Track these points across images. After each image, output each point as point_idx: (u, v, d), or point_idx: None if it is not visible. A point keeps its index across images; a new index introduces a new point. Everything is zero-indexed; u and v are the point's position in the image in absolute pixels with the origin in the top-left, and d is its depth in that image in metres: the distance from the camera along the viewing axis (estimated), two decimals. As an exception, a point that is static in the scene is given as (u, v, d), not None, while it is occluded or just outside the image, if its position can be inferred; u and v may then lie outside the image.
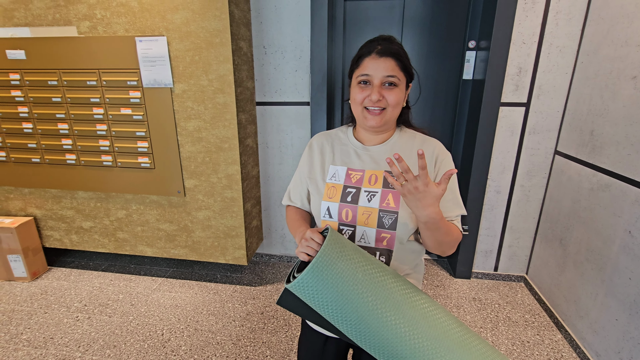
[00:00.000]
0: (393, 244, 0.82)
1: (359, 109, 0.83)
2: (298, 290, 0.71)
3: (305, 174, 0.94)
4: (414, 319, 0.68)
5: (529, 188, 2.16)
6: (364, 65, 0.80)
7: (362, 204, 0.83)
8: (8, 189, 2.33)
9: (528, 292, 2.24)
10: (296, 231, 0.87)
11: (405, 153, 0.85)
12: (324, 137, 0.96)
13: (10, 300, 2.13)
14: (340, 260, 0.68)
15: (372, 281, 0.68)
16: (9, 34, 1.96)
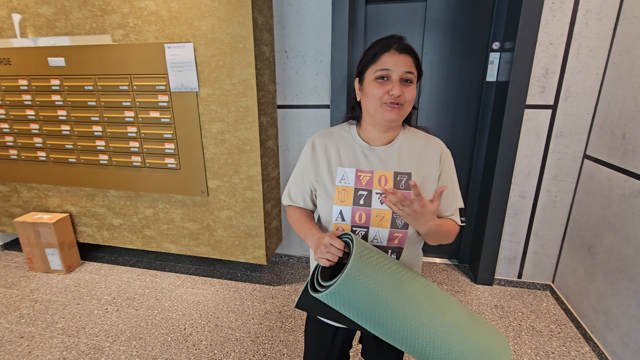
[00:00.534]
0: (404, 242, 0.86)
1: (377, 104, 0.82)
2: (329, 299, 0.72)
3: (310, 176, 0.92)
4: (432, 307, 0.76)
5: (556, 193, 2.08)
6: (383, 61, 0.80)
7: (376, 207, 0.84)
8: (47, 187, 2.49)
9: (554, 301, 2.16)
10: (307, 234, 0.88)
11: (411, 151, 0.88)
12: (327, 136, 0.93)
13: (47, 291, 2.28)
14: (368, 267, 0.71)
15: (395, 282, 0.74)
16: (51, 42, 2.11)
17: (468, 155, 2.39)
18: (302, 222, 0.93)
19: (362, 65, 0.85)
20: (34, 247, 2.43)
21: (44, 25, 2.09)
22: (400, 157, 0.87)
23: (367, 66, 0.83)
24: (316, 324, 1.02)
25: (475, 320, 0.81)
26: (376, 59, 0.81)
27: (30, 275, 2.46)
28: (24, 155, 2.40)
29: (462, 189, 2.45)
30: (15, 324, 1.97)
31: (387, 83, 0.80)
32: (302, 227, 0.92)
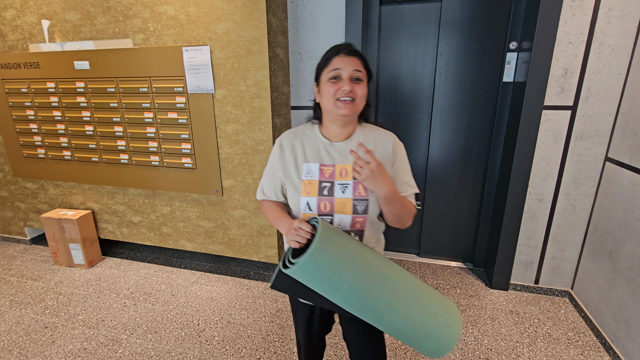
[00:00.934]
0: (365, 225, 0.97)
1: (332, 102, 0.91)
2: (298, 273, 0.82)
3: (279, 172, 1.01)
4: (387, 279, 0.86)
5: (575, 197, 2.02)
6: (334, 63, 0.90)
7: (338, 196, 0.95)
8: (72, 185, 2.61)
9: (573, 308, 2.09)
10: (279, 222, 0.97)
11: (367, 145, 0.98)
12: (292, 135, 1.02)
13: (70, 284, 2.38)
14: (332, 244, 0.82)
15: (356, 257, 0.84)
16: (76, 47, 2.21)
17: (484, 157, 2.35)
18: (274, 212, 1.02)
19: (317, 70, 0.96)
20: (59, 242, 2.54)
21: (70, 30, 2.20)
22: (357, 151, 0.94)
23: (322, 70, 0.93)
24: (297, 307, 1.14)
25: (428, 290, 0.92)
26: (328, 62, 0.91)
27: (55, 269, 2.58)
28: (51, 154, 2.52)
29: (477, 191, 2.41)
30: (40, 315, 2.07)
31: (339, 82, 0.90)
32: (275, 217, 1.00)
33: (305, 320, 1.13)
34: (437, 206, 2.55)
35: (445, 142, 2.40)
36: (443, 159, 2.44)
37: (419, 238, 2.68)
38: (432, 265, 2.60)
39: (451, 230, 2.58)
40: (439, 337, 0.87)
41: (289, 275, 0.85)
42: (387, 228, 1.11)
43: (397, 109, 2.44)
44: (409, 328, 0.86)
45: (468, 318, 2.01)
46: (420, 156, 2.49)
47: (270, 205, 1.05)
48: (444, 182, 2.48)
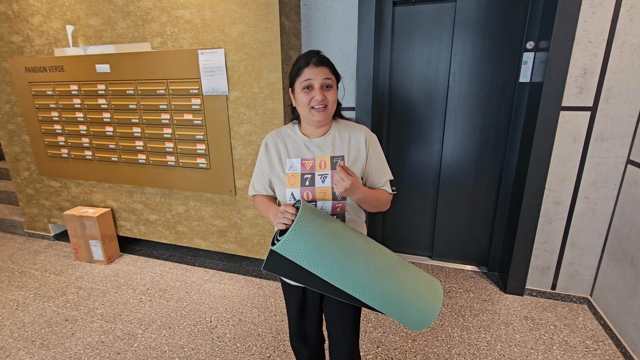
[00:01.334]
0: (345, 208, 1.08)
1: (307, 109, 1.02)
2: (285, 247, 0.90)
3: (266, 169, 1.13)
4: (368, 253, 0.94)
5: (595, 200, 1.96)
6: (305, 74, 1.00)
7: (318, 185, 1.05)
8: (92, 184, 2.70)
9: (592, 315, 2.02)
10: (268, 211, 1.08)
11: (343, 140, 1.09)
12: (276, 135, 1.13)
13: (89, 279, 2.47)
14: (314, 218, 0.91)
15: (336, 231, 0.92)
16: (98, 50, 2.30)
17: (499, 159, 2.31)
18: (264, 204, 1.13)
19: (291, 78, 1.05)
20: (80, 239, 2.64)
21: (92, 35, 2.28)
22: (334, 144, 1.08)
23: (295, 79, 1.03)
24: (288, 291, 1.23)
25: (407, 266, 0.99)
26: (300, 73, 1.01)
27: (76, 264, 2.68)
28: (73, 154, 2.63)
29: (492, 193, 2.37)
30: (62, 308, 2.15)
31: (312, 91, 1.00)
32: (265, 207, 1.12)
33: (299, 300, 1.20)
34: (450, 208, 2.51)
35: (459, 143, 2.37)
36: (457, 160, 2.41)
37: (431, 240, 2.65)
38: (444, 268, 2.57)
39: (465, 233, 2.54)
40: (420, 309, 0.93)
41: (278, 254, 0.94)
42: (398, 229, 1.13)
43: (410, 110, 2.42)
44: (392, 299, 0.92)
45: (481, 323, 1.98)
46: (433, 158, 2.46)
47: (260, 199, 1.16)
48: (458, 184, 2.45)
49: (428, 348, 1.80)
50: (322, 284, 0.97)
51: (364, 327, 1.96)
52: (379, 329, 1.94)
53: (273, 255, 0.97)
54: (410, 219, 2.66)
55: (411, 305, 0.93)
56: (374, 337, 1.88)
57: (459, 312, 2.07)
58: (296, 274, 0.98)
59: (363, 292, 0.92)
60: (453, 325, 1.96)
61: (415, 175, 2.54)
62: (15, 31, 2.46)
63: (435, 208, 2.56)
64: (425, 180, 2.54)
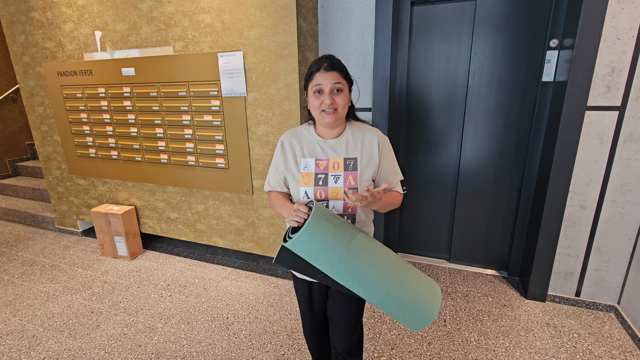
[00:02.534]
0: (356, 209, 1.10)
1: (318, 112, 1.07)
2: (296, 245, 0.93)
3: (281, 167, 1.16)
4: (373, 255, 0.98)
5: (623, 204, 1.87)
6: (316, 79, 1.04)
7: (331, 185, 1.08)
8: (117, 182, 2.82)
9: (619, 324, 1.93)
10: (282, 208, 1.12)
11: (356, 142, 1.12)
12: (292, 135, 1.17)
13: (114, 274, 2.58)
14: (324, 220, 0.94)
15: (345, 232, 0.96)
16: (124, 55, 2.40)
17: (520, 160, 2.24)
18: (278, 200, 1.16)
19: (305, 81, 1.10)
20: (106, 235, 2.76)
21: (119, 39, 2.39)
22: (347, 146, 1.11)
23: (307, 83, 1.08)
24: (297, 284, 1.28)
25: (410, 269, 1.02)
26: (312, 78, 1.05)
27: (102, 259, 2.80)
28: (100, 154, 2.75)
29: (513, 195, 2.31)
30: (88, 301, 2.26)
31: (322, 95, 1.05)
32: (279, 204, 1.15)
33: (306, 293, 1.26)
34: (469, 211, 2.46)
35: (479, 145, 2.32)
36: (477, 162, 2.36)
37: (449, 243, 2.60)
38: (463, 271, 2.52)
39: (484, 236, 2.48)
40: (419, 310, 0.97)
41: (289, 250, 0.98)
42: (416, 231, 1.15)
43: (428, 111, 2.39)
44: (392, 299, 0.95)
45: (499, 328, 1.93)
46: (452, 159, 2.42)
47: (275, 195, 1.20)
48: (478, 186, 2.40)
49: (444, 352, 1.77)
50: (328, 278, 1.01)
51: (379, 328, 1.95)
52: (393, 330, 1.93)
53: (284, 250, 1.02)
54: (427, 221, 2.63)
55: (409, 306, 0.97)
56: (388, 339, 1.87)
57: (476, 316, 2.03)
58: (304, 268, 1.03)
59: (366, 290, 0.97)
60: (470, 329, 1.92)
61: (433, 177, 2.51)
62: (49, 37, 2.61)
63: (453, 210, 2.52)
64: (444, 182, 2.50)
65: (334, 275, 0.97)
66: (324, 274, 1.00)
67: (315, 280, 1.04)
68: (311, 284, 1.24)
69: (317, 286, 1.23)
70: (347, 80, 1.09)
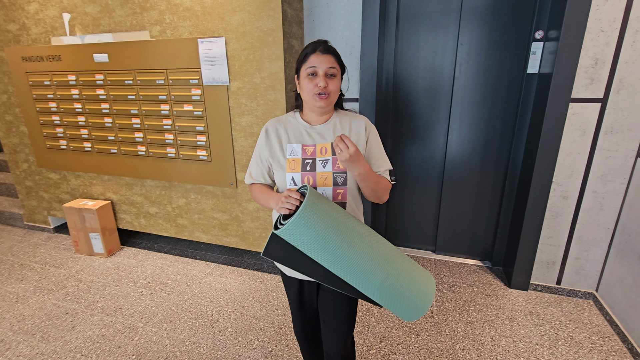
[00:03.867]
0: (346, 196, 1.07)
1: (310, 95, 1.03)
2: (291, 230, 0.88)
3: (266, 155, 1.12)
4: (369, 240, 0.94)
5: (603, 195, 1.92)
6: (311, 61, 1.01)
7: (319, 170, 1.05)
8: (92, 176, 2.67)
9: (597, 311, 2.00)
10: (269, 199, 1.07)
11: (344, 127, 1.11)
12: (277, 122, 1.13)
13: (90, 272, 2.45)
14: (321, 202, 0.91)
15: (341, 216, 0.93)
16: (95, 39, 2.24)
17: (505, 151, 2.26)
18: (263, 192, 1.11)
19: (297, 63, 1.06)
20: (80, 231, 2.62)
21: (90, 23, 2.23)
22: (335, 132, 1.09)
23: (300, 65, 1.04)
24: (287, 283, 1.23)
25: (405, 257, 1.00)
26: (306, 59, 1.02)
27: (76, 257, 2.66)
28: (72, 146, 2.59)
29: (497, 187, 2.33)
30: (62, 301, 2.14)
31: (316, 78, 1.01)
32: (264, 196, 1.10)
33: (297, 292, 1.21)
34: (454, 202, 2.48)
35: (464, 136, 2.32)
36: (462, 153, 2.37)
37: (435, 234, 2.62)
38: (448, 262, 2.54)
39: (469, 227, 2.51)
40: (415, 298, 0.94)
41: (280, 240, 0.94)
42: (402, 222, 1.11)
43: (414, 101, 2.37)
44: (388, 287, 0.92)
45: (485, 318, 1.96)
46: (438, 150, 2.42)
47: (258, 187, 1.15)
48: (463, 177, 2.41)
49: (432, 343, 1.78)
50: (319, 272, 0.96)
51: (367, 321, 1.94)
52: (382, 323, 1.92)
53: (274, 240, 0.96)
54: (413, 213, 2.63)
55: (406, 294, 0.94)
56: (377, 331, 1.87)
57: (462, 306, 2.05)
58: (295, 261, 0.98)
59: (362, 279, 0.93)
60: (457, 320, 1.94)
61: (419, 168, 2.50)
62: (11, 19, 2.41)
63: (439, 201, 2.53)
64: (430, 173, 2.50)
65: (328, 264, 0.92)
66: (316, 267, 0.95)
67: (306, 275, 0.99)
68: (302, 283, 1.19)
69: (307, 284, 1.20)
70: (341, 66, 1.06)
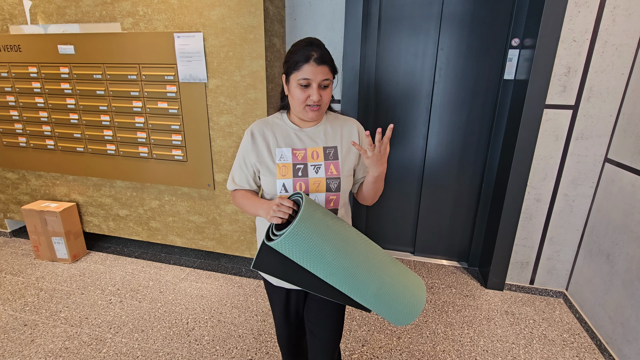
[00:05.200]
0: (338, 203, 1.04)
1: (302, 106, 0.97)
2: (287, 241, 0.83)
3: (252, 160, 1.04)
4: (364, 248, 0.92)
5: (574, 197, 2.00)
6: (305, 71, 0.93)
7: (312, 176, 1.01)
8: (55, 176, 2.49)
9: (567, 309, 2.08)
10: (256, 206, 1.01)
11: (335, 131, 1.07)
12: (263, 124, 1.06)
13: (52, 279, 2.28)
14: (317, 211, 0.88)
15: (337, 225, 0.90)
16: (60, 30, 2.09)
17: (482, 155, 2.32)
18: (248, 199, 1.05)
19: (287, 67, 0.98)
20: (41, 236, 2.43)
21: (54, 12, 2.07)
22: (326, 135, 1.05)
23: (291, 71, 0.96)
24: (273, 293, 1.18)
25: (397, 263, 0.99)
26: (298, 68, 0.94)
27: (37, 263, 2.46)
28: (33, 143, 2.40)
29: (474, 189, 2.38)
30: (20, 312, 1.97)
31: (308, 89, 0.95)
32: (249, 203, 1.04)
33: (283, 302, 1.16)
34: (433, 204, 2.51)
35: (443, 139, 2.36)
36: (441, 156, 2.40)
37: (414, 236, 2.64)
38: (427, 264, 2.57)
39: (447, 229, 2.55)
40: (408, 303, 0.93)
41: (272, 251, 0.89)
42: (382, 224, 1.09)
43: (395, 104, 2.38)
44: (383, 294, 0.90)
45: (464, 318, 1.99)
46: (417, 153, 2.45)
47: (243, 194, 1.09)
48: (441, 180, 2.45)
49: (413, 345, 1.78)
50: (313, 282, 0.92)
51: (349, 325, 1.92)
52: (363, 327, 1.91)
53: (266, 251, 0.91)
54: (393, 215, 2.64)
55: (400, 300, 0.92)
56: (359, 335, 1.85)
57: (442, 308, 2.08)
58: (287, 273, 0.93)
59: (357, 289, 0.90)
60: (437, 321, 1.96)
61: (399, 171, 2.52)
62: (-37, 4, 2.20)
63: (418, 204, 2.55)
64: (409, 176, 2.52)
65: (325, 276, 0.89)
66: (309, 278, 0.91)
67: (299, 286, 0.94)
68: (289, 292, 1.14)
69: (295, 294, 1.14)
70: (334, 72, 1.00)
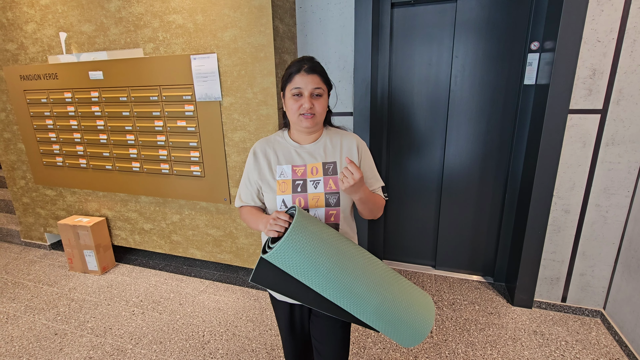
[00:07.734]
0: (339, 218, 1.04)
1: (295, 116, 1.01)
2: (279, 253, 0.85)
3: (255, 177, 1.08)
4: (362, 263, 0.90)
5: (607, 208, 1.85)
6: (296, 81, 0.98)
7: (311, 192, 1.02)
8: (87, 192, 2.66)
9: (605, 330, 1.91)
10: (257, 221, 1.03)
11: (335, 146, 1.08)
12: (265, 143, 1.10)
13: (82, 290, 2.41)
14: (310, 224, 0.87)
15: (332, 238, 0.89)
16: (91, 57, 2.26)
17: (504, 165, 2.21)
18: (252, 214, 1.08)
19: (282, 82, 1.03)
20: (74, 248, 2.59)
21: (85, 41, 2.25)
22: (325, 151, 1.06)
23: (285, 84, 1.01)
24: (278, 308, 1.18)
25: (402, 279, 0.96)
26: (291, 79, 0.99)
27: (70, 275, 2.62)
28: (68, 162, 2.59)
29: (497, 200, 2.27)
30: (52, 321, 2.09)
31: (301, 98, 0.99)
32: (253, 218, 1.06)
33: (287, 317, 1.17)
34: (454, 216, 2.41)
35: (462, 149, 2.28)
36: (460, 167, 2.31)
37: (434, 249, 2.55)
38: (449, 278, 2.46)
39: (469, 242, 2.44)
40: (413, 324, 0.89)
41: (268, 265, 0.90)
42: (400, 238, 1.06)
43: (410, 115, 2.34)
44: (384, 312, 0.88)
45: (487, 338, 1.87)
46: (435, 164, 2.37)
47: (248, 210, 1.11)
48: (462, 191, 2.35)
49: (430, 366, 1.70)
50: (311, 297, 0.92)
51: (363, 342, 1.87)
52: (378, 344, 1.85)
53: (263, 264, 0.92)
54: (412, 228, 2.57)
55: (404, 319, 0.89)
56: (373, 353, 1.79)
57: (463, 326, 1.97)
58: (285, 286, 0.93)
59: (356, 304, 0.88)
60: (457, 340, 1.86)
61: (416, 182, 2.45)
62: (10, 39, 2.44)
63: (438, 216, 2.47)
64: (427, 187, 2.44)
65: (320, 289, 0.88)
66: (308, 292, 0.90)
67: (298, 301, 0.94)
68: (292, 307, 1.15)
69: (299, 309, 1.15)
70: (327, 84, 1.03)
